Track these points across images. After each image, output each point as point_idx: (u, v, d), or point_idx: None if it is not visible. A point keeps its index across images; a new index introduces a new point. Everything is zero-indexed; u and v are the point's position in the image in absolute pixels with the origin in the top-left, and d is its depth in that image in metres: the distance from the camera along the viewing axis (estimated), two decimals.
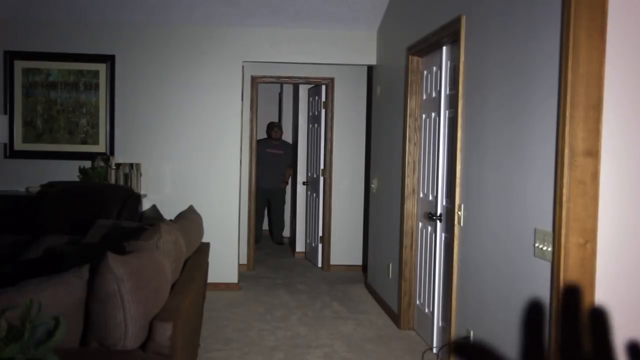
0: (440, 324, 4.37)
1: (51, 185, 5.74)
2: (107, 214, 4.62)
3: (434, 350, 4.40)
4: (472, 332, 3.57)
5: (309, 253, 7.72)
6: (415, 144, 4.90)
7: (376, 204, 6.03)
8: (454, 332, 3.84)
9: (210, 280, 4.79)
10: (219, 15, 5.88)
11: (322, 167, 7.29)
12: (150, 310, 2.33)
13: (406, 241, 4.92)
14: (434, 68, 4.58)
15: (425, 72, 4.81)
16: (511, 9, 3.14)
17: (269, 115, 9.36)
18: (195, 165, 6.09)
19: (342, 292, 6.16)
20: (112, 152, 5.98)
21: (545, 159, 2.73)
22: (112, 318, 2.21)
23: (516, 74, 3.06)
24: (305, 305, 5.63)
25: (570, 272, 2.53)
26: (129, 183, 5.76)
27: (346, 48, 6.23)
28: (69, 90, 5.99)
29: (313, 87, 7.70)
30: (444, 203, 4.36)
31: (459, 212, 3.80)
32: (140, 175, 5.92)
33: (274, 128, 8.44)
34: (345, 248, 7.18)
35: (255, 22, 6.03)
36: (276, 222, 8.75)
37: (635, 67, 2.53)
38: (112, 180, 5.74)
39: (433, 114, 4.59)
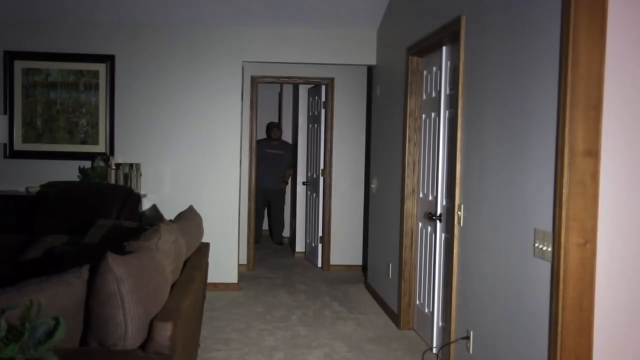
0: (440, 324, 4.37)
1: (51, 185, 5.74)
2: (107, 214, 4.62)
3: (434, 350, 4.40)
4: (472, 332, 3.58)
5: (309, 253, 7.72)
6: (415, 144, 4.90)
7: (376, 204, 6.03)
8: (454, 332, 3.84)
9: (210, 280, 4.79)
10: (218, 15, 5.88)
11: (322, 167, 7.29)
12: (150, 310, 2.33)
13: (406, 241, 4.92)
14: (434, 68, 4.58)
15: (425, 72, 4.81)
16: (511, 9, 3.14)
17: (269, 115, 9.36)
18: (195, 165, 6.09)
19: (342, 292, 6.16)
20: (112, 152, 5.98)
21: (545, 159, 2.73)
22: (112, 318, 2.21)
23: (516, 74, 3.07)
24: (305, 305, 5.63)
25: (570, 272, 2.53)
26: (129, 183, 5.76)
27: (346, 48, 6.23)
28: (68, 90, 5.99)
29: (313, 87, 7.70)
30: (444, 203, 4.36)
31: (459, 212, 3.80)
32: (140, 175, 5.92)
33: (273, 128, 8.45)
34: (345, 248, 7.18)
35: (255, 22, 6.03)
36: (276, 222, 8.75)
37: (635, 67, 2.53)
38: (112, 180, 5.73)
39: (433, 114, 4.59)
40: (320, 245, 7.28)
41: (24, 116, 5.96)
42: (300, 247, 7.99)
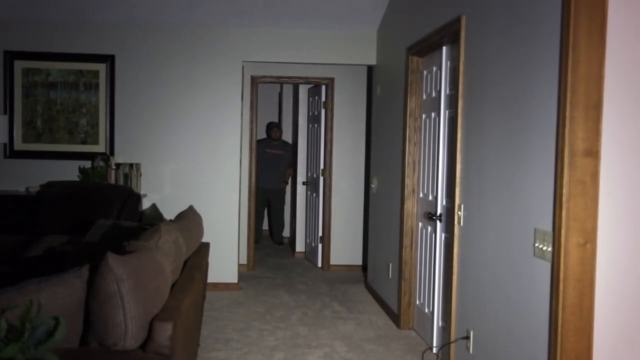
0: (440, 324, 4.37)
1: (51, 185, 5.74)
2: (107, 214, 4.62)
3: (434, 350, 4.40)
4: (472, 332, 3.58)
5: (309, 253, 7.72)
6: (415, 144, 4.90)
7: (376, 204, 6.03)
8: (454, 332, 3.84)
9: (210, 280, 4.80)
10: (219, 15, 5.88)
11: (322, 167, 7.29)
12: (150, 310, 2.33)
13: (406, 241, 4.92)
14: (434, 68, 4.58)
15: (425, 72, 4.81)
16: (511, 9, 3.14)
17: (269, 115, 9.36)
18: (195, 165, 6.09)
19: (342, 292, 6.16)
20: (112, 152, 5.98)
21: (545, 159, 2.73)
22: (112, 318, 2.21)
23: (516, 74, 3.07)
24: (305, 305, 5.63)
25: (570, 272, 2.53)
26: (129, 183, 5.76)
27: (346, 48, 6.23)
28: (68, 90, 5.99)
29: (313, 87, 7.70)
30: (444, 203, 4.36)
31: (459, 212, 3.80)
32: (140, 175, 5.92)
33: (273, 128, 8.45)
34: (345, 248, 7.18)
35: (255, 22, 6.03)
36: (276, 222, 8.75)
37: (635, 67, 2.53)
38: (112, 180, 5.73)
39: (433, 114, 4.59)
40: (320, 245, 7.28)
41: (24, 116, 5.96)
42: (300, 247, 7.99)
